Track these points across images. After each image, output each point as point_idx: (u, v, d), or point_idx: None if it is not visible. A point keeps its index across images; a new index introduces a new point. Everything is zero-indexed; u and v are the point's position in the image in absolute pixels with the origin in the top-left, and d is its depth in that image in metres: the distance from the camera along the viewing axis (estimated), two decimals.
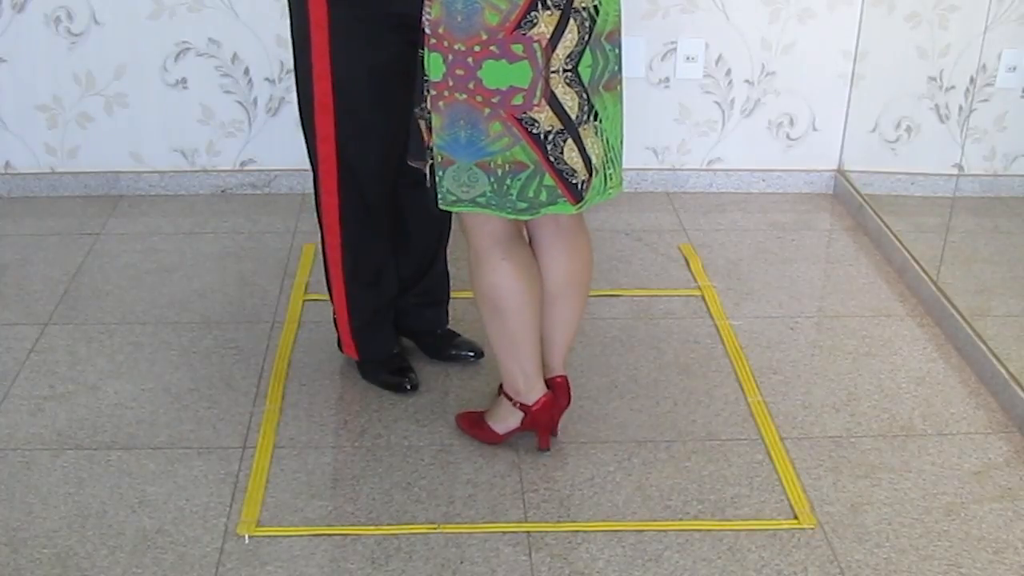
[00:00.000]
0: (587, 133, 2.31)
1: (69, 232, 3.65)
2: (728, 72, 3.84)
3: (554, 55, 2.22)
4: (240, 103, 3.81)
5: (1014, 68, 3.54)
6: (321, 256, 2.78)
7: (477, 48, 2.20)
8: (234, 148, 3.88)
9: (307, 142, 2.64)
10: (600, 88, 2.31)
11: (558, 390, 2.60)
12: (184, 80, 3.76)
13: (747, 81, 3.85)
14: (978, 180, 3.72)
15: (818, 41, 3.81)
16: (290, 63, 3.83)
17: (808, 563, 2.32)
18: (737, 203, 3.92)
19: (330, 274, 2.76)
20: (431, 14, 2.23)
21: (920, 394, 2.88)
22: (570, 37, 2.22)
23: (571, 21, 2.21)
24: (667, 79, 3.83)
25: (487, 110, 2.25)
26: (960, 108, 3.62)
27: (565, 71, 2.24)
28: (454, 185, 2.33)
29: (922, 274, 3.29)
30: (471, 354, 2.93)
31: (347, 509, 2.45)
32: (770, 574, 2.29)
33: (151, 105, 3.79)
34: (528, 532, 2.39)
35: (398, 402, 2.80)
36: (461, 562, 2.31)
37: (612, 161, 2.40)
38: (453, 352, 2.93)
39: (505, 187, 2.31)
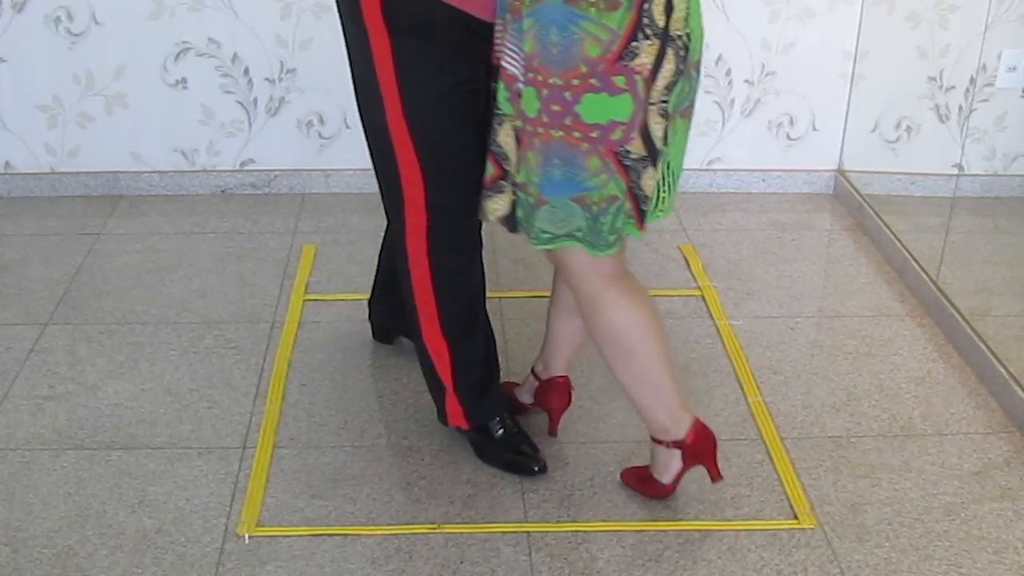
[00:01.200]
0: (661, 159, 2.23)
1: (69, 232, 3.65)
2: (728, 72, 3.84)
3: (654, 87, 2.12)
4: (240, 103, 3.81)
5: (1014, 68, 3.54)
6: (410, 322, 2.54)
7: (575, 82, 2.08)
8: (234, 148, 3.88)
9: (387, 188, 2.44)
10: (677, 115, 2.23)
11: (558, 390, 2.60)
12: (184, 80, 3.76)
13: (747, 81, 3.85)
14: (978, 180, 3.72)
15: (818, 41, 3.81)
16: (290, 63, 3.85)
17: (808, 563, 2.32)
18: (737, 203, 3.92)
19: (424, 333, 2.51)
20: (524, 48, 2.11)
21: (920, 394, 2.88)
22: (668, 67, 2.12)
23: (668, 50, 2.11)
24: None
25: (586, 145, 2.14)
26: (960, 108, 3.62)
27: (661, 102, 2.14)
28: (549, 223, 2.22)
29: (922, 274, 3.29)
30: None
31: (347, 509, 2.45)
32: (770, 574, 2.29)
33: (151, 105, 3.79)
34: (528, 532, 2.39)
35: (398, 402, 2.80)
36: (461, 562, 2.31)
37: (669, 185, 2.30)
38: None
39: (599, 223, 2.21)
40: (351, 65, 2.42)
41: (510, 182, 2.26)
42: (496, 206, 2.30)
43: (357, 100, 2.44)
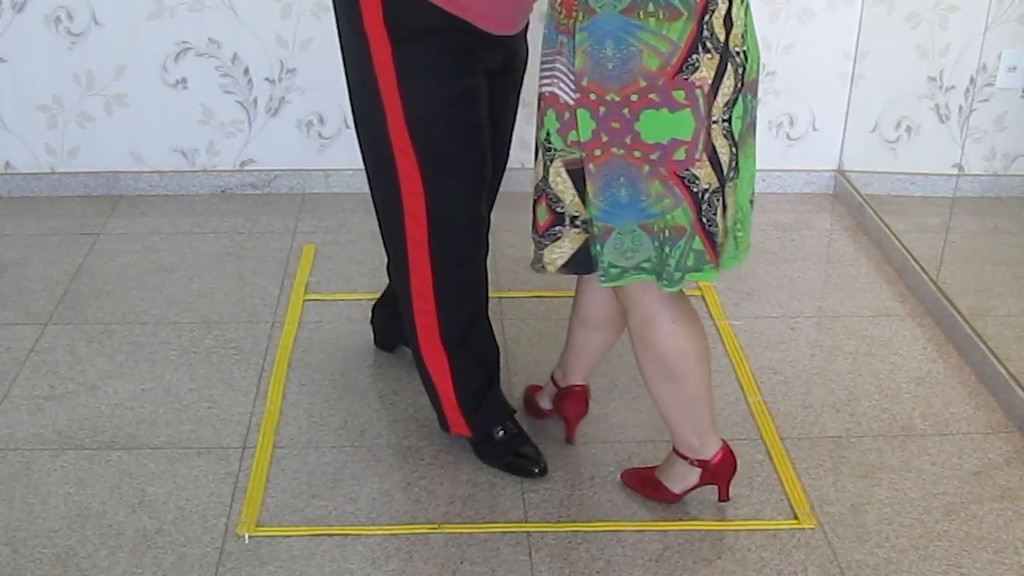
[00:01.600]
0: (730, 191, 2.16)
1: (69, 232, 3.65)
2: None
3: (715, 103, 2.04)
4: (240, 103, 3.81)
5: (1014, 68, 3.54)
6: (407, 328, 2.51)
7: (634, 97, 2.00)
8: (234, 148, 3.88)
9: (384, 200, 2.43)
10: (744, 142, 2.15)
11: (576, 398, 2.58)
12: (184, 80, 3.76)
13: None
14: (978, 180, 3.72)
15: (818, 41, 3.81)
16: (290, 63, 3.85)
17: (808, 563, 2.32)
18: None
19: (422, 344, 2.49)
20: (574, 65, 2.02)
21: (920, 394, 2.88)
22: (728, 83, 2.05)
23: (728, 65, 2.04)
24: None
25: (646, 167, 2.05)
26: (960, 108, 3.62)
27: (723, 121, 2.06)
28: (617, 255, 2.13)
29: (922, 274, 3.29)
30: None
31: (347, 509, 2.45)
32: (770, 574, 2.29)
33: (151, 105, 3.79)
34: (528, 532, 2.39)
35: (398, 402, 2.80)
36: (461, 562, 2.31)
37: (742, 221, 2.23)
38: None
39: (665, 254, 2.12)
40: (348, 74, 2.39)
41: (569, 225, 2.18)
42: (555, 256, 2.21)
43: (353, 110, 2.41)
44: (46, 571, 2.27)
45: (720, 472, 2.39)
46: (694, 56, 2.00)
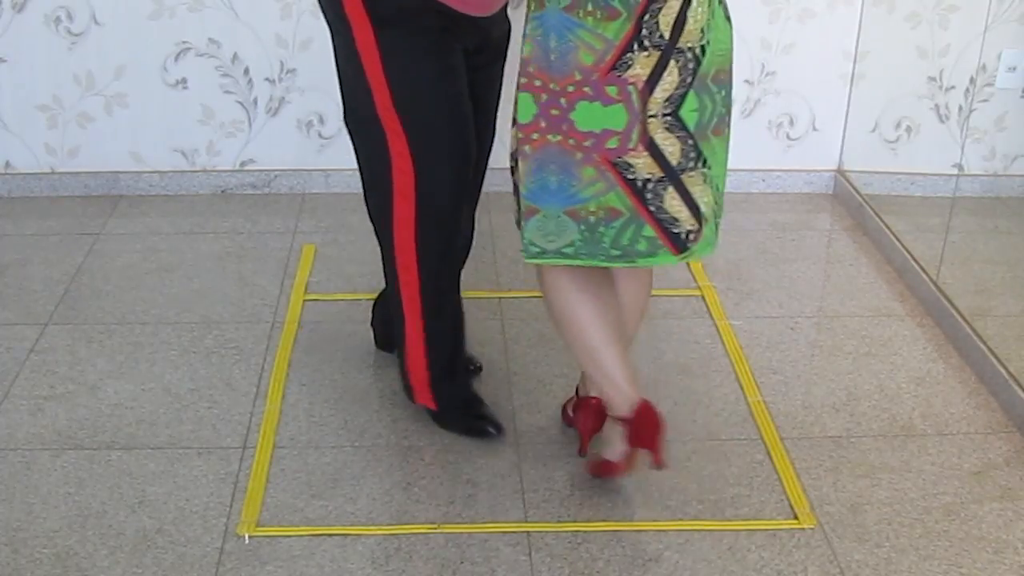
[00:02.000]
0: (693, 180, 2.20)
1: (69, 232, 3.65)
2: None
3: (651, 99, 2.11)
4: (240, 103, 3.81)
5: (1014, 68, 3.54)
6: (391, 301, 2.61)
7: (571, 88, 2.11)
8: (234, 148, 3.88)
9: (373, 179, 2.50)
10: (709, 133, 2.20)
11: (589, 411, 2.49)
12: (184, 80, 3.76)
13: (747, 81, 3.85)
14: (978, 180, 3.72)
15: (818, 41, 3.81)
16: (290, 63, 3.85)
17: (808, 563, 2.32)
18: (737, 203, 3.91)
19: (406, 317, 2.58)
20: (523, 52, 2.14)
21: (920, 394, 2.88)
22: (669, 80, 2.11)
23: (672, 63, 2.10)
24: None
25: (580, 154, 2.15)
26: (960, 108, 3.62)
27: (664, 115, 2.13)
28: (539, 235, 2.23)
29: (922, 274, 3.29)
30: (471, 368, 2.86)
31: (347, 509, 2.45)
32: (770, 574, 2.29)
33: (151, 105, 3.79)
34: (528, 532, 2.39)
35: (398, 402, 2.79)
36: (461, 562, 2.31)
37: (715, 212, 2.29)
38: None
39: (598, 234, 2.20)
40: (336, 59, 2.46)
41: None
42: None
43: (343, 94, 2.48)
44: (46, 571, 2.27)
45: (641, 431, 2.34)
46: (628, 55, 2.09)
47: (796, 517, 2.44)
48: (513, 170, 2.32)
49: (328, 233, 3.65)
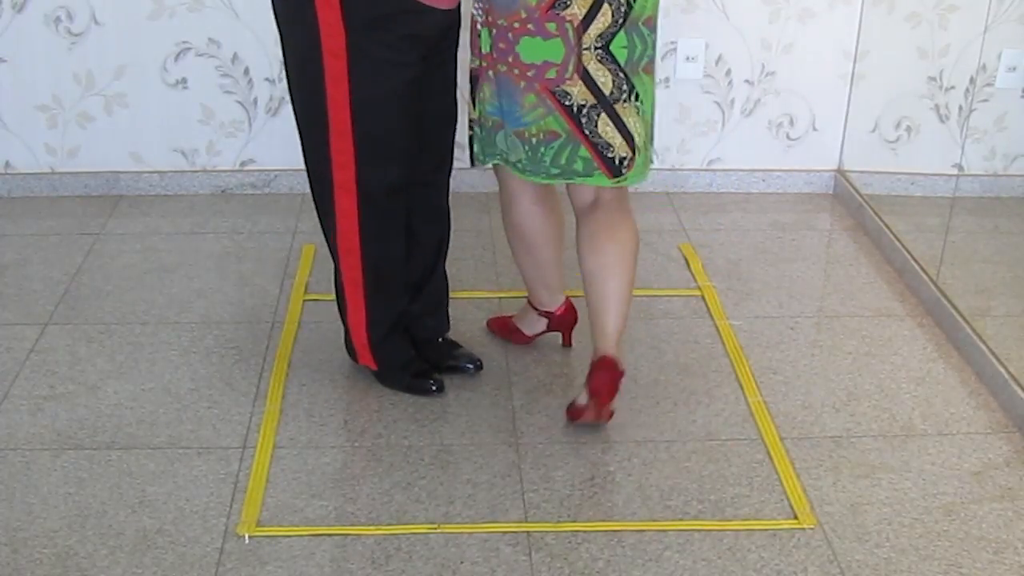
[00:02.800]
0: (627, 111, 2.49)
1: (69, 232, 3.65)
2: (728, 72, 3.84)
3: (586, 34, 2.40)
4: (240, 103, 3.81)
5: (1014, 68, 3.54)
6: (335, 272, 2.74)
7: (516, 24, 2.41)
8: (234, 148, 3.88)
9: (315, 168, 2.61)
10: (640, 71, 2.49)
11: (604, 368, 2.61)
12: (184, 80, 3.76)
13: (747, 81, 3.85)
14: (978, 180, 3.72)
15: (818, 41, 3.81)
16: None
17: (808, 563, 2.32)
18: (737, 203, 3.92)
19: (346, 291, 2.72)
20: None
21: (920, 394, 2.88)
22: (603, 20, 2.40)
23: (605, 5, 2.39)
24: (667, 79, 3.83)
25: (523, 83, 2.45)
26: (960, 108, 3.62)
27: (596, 48, 2.42)
28: (503, 144, 2.57)
29: (922, 274, 3.29)
30: (470, 366, 2.89)
31: (347, 509, 2.45)
32: (770, 574, 2.29)
33: (151, 105, 3.79)
34: (528, 532, 2.39)
35: (398, 402, 2.80)
36: (461, 562, 2.31)
37: (645, 144, 2.58)
38: (452, 363, 2.90)
39: (539, 154, 2.52)
40: (286, 58, 2.57)
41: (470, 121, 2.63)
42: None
43: (290, 89, 2.58)
44: (46, 571, 2.27)
45: (563, 322, 2.95)
46: None
47: (796, 517, 2.44)
48: (473, 102, 2.61)
49: None
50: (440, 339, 2.93)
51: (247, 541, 2.36)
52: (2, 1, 3.62)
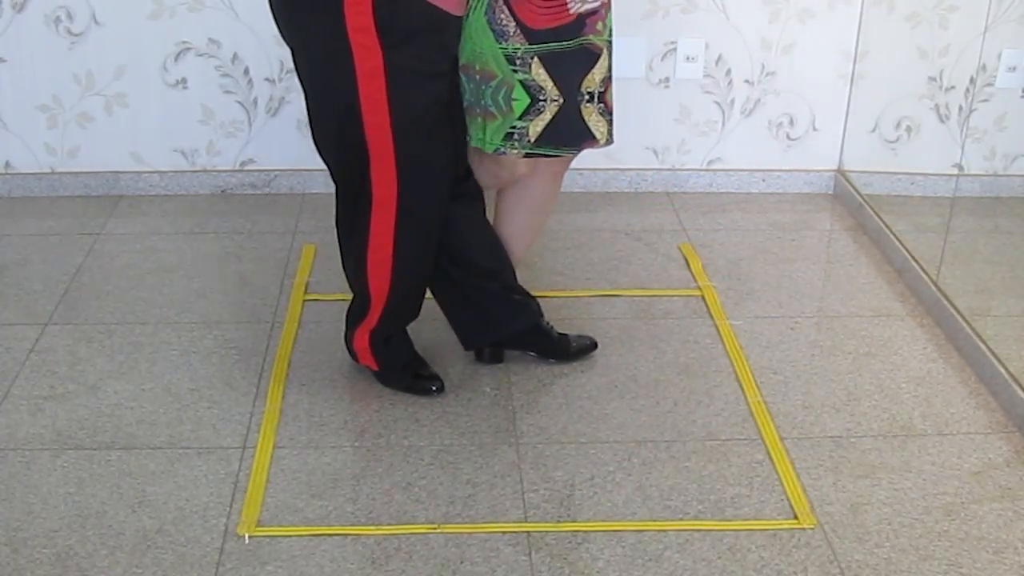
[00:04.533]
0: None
1: (69, 232, 3.65)
2: (728, 72, 3.84)
3: None
4: (240, 103, 3.81)
5: (1014, 68, 3.54)
6: (352, 285, 2.73)
7: None
8: (234, 148, 3.88)
9: (350, 188, 2.56)
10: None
11: None
12: (184, 80, 3.76)
13: (747, 81, 3.85)
14: (978, 180, 3.72)
15: (818, 41, 3.81)
16: (290, 63, 3.83)
17: (808, 563, 2.32)
18: (737, 203, 3.92)
19: (371, 304, 2.70)
20: None
21: (920, 394, 2.88)
22: None
23: None
24: (667, 79, 3.83)
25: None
26: (960, 108, 3.62)
27: None
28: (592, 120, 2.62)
29: (922, 274, 3.29)
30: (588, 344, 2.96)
31: (347, 509, 2.45)
32: (770, 574, 2.29)
33: (151, 105, 3.79)
34: (528, 532, 2.39)
35: (398, 402, 2.80)
36: (461, 562, 2.31)
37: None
38: (575, 346, 2.94)
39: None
40: (311, 76, 2.48)
41: (548, 99, 2.51)
42: (537, 127, 2.54)
43: (317, 115, 2.51)
44: (46, 571, 2.27)
45: None
46: None
47: (796, 517, 2.44)
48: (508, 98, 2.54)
49: (328, 233, 3.62)
50: (544, 326, 2.91)
51: (247, 541, 2.36)
52: (2, 1, 3.62)
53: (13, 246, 3.56)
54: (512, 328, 2.86)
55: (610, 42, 2.57)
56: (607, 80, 2.59)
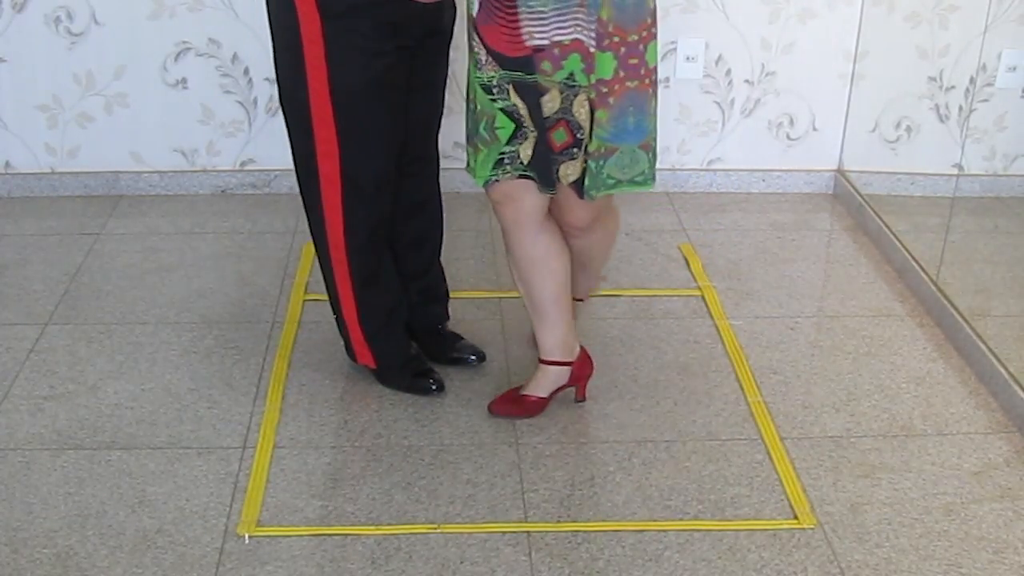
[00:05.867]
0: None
1: (69, 232, 3.65)
2: (728, 72, 3.84)
3: None
4: (240, 103, 3.81)
5: (1014, 68, 3.54)
6: (323, 268, 2.76)
7: (644, 33, 2.42)
8: (234, 148, 3.88)
9: (301, 160, 2.62)
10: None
11: (584, 359, 2.76)
12: (184, 80, 3.76)
13: (747, 81, 3.85)
14: (978, 180, 3.72)
15: (818, 41, 3.81)
16: None
17: (808, 563, 2.32)
18: (737, 203, 3.92)
19: (337, 285, 2.73)
20: (601, 16, 2.35)
21: (920, 394, 2.88)
22: None
23: None
24: (667, 79, 3.83)
25: (650, 89, 2.48)
26: (960, 108, 3.62)
27: None
28: (616, 170, 2.50)
29: (922, 274, 3.29)
30: (473, 357, 2.92)
31: (347, 509, 2.46)
32: (770, 574, 2.29)
33: (151, 105, 3.79)
34: (528, 532, 2.39)
35: (398, 402, 2.80)
36: (461, 562, 2.31)
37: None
38: (455, 355, 2.92)
39: (652, 158, 2.57)
40: (274, 44, 2.59)
41: (583, 149, 2.47)
42: (569, 171, 2.50)
43: (277, 76, 2.62)
44: (46, 571, 2.27)
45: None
46: None
47: (796, 517, 2.44)
48: (550, 129, 2.45)
49: None
50: (441, 330, 2.94)
51: (247, 541, 2.36)
52: (2, 1, 3.62)
53: (13, 246, 3.56)
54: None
55: (572, 86, 2.39)
56: (560, 121, 2.43)
